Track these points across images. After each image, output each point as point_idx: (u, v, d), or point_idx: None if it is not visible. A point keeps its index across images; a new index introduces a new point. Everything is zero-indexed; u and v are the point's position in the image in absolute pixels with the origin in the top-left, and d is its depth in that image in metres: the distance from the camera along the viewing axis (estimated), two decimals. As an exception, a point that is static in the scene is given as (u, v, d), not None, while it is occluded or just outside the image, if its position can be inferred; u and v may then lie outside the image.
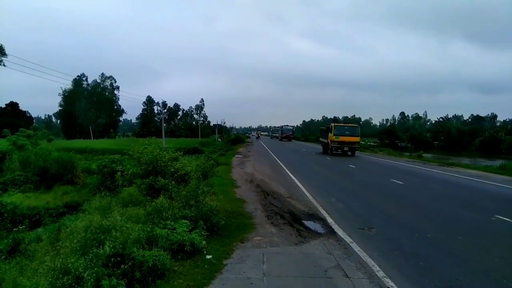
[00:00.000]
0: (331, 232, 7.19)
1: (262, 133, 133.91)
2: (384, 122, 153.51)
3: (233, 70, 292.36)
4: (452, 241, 6.53)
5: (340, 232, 7.13)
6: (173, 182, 9.29)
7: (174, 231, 5.96)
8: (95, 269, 4.46)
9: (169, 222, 6.31)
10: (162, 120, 58.91)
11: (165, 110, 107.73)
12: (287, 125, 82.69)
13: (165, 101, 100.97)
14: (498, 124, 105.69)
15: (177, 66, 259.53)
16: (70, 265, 4.50)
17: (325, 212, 8.86)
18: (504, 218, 7.88)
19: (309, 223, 7.86)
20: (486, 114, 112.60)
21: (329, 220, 8.08)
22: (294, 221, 8.04)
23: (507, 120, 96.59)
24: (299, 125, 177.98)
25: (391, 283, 4.71)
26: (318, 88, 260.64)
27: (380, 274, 5.02)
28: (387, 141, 77.10)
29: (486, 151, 59.48)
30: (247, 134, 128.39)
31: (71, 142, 57.99)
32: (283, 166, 20.12)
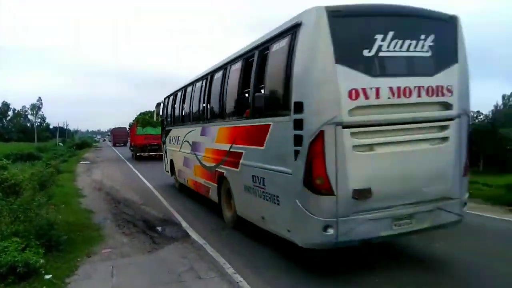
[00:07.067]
0: (185, 236, 7.25)
1: None
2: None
3: (79, 66, 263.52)
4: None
5: (194, 235, 7.25)
6: (0, 194, 7.98)
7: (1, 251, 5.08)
8: None
9: (-6, 242, 5.34)
10: (-16, 121, 49.04)
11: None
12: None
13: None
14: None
15: (3, 56, 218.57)
16: None
17: (179, 216, 8.88)
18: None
19: (163, 229, 7.77)
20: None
21: (184, 224, 8.13)
22: (148, 228, 7.82)
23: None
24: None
25: (240, 278, 5.05)
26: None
27: (230, 270, 5.32)
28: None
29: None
30: (95, 138, 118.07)
31: None
32: (136, 172, 19.31)
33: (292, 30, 5.04)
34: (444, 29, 5.21)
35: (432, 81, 4.96)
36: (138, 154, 27.43)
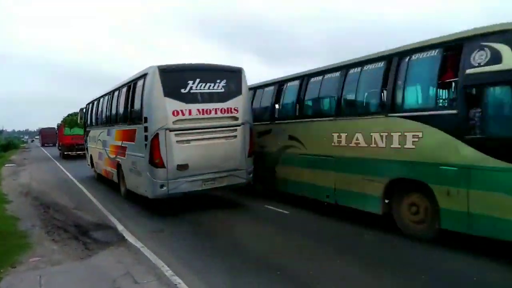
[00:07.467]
0: (122, 240, 7.02)
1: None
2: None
3: (4, 61, 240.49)
4: (226, 230, 7.46)
5: (131, 238, 7.05)
6: None
7: None
8: None
9: None
10: None
11: None
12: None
13: None
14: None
15: None
16: None
17: (115, 219, 8.58)
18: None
19: (97, 234, 7.41)
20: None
21: (120, 227, 7.87)
22: (81, 234, 7.44)
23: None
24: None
25: (178, 280, 5.00)
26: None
27: (169, 273, 5.25)
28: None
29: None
30: (23, 138, 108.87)
31: None
32: (64, 170, 18.26)
33: (144, 76, 8.56)
34: (233, 76, 8.95)
35: (224, 105, 8.68)
36: (65, 153, 29.35)
